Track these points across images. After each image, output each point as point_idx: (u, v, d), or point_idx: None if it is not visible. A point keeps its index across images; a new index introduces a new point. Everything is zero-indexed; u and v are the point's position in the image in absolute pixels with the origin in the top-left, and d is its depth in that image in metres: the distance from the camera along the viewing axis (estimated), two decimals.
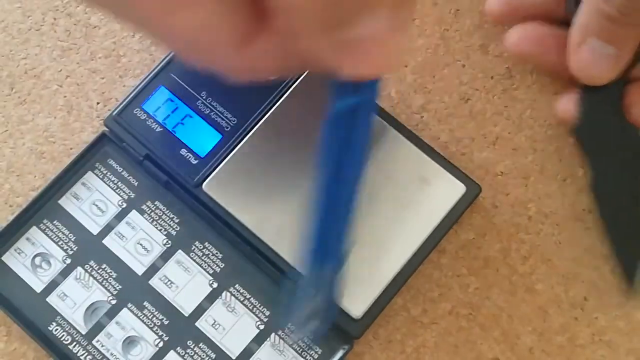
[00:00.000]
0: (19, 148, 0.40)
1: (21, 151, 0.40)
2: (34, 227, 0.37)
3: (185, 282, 0.37)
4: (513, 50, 0.39)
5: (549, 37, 0.38)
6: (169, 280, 0.37)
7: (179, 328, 0.36)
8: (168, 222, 0.37)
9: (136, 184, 0.38)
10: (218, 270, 0.37)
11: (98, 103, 0.40)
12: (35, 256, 0.37)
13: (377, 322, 0.37)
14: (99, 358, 0.36)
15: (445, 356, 0.37)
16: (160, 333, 0.36)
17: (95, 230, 0.37)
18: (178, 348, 0.36)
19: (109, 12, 0.26)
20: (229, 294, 0.37)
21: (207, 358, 0.36)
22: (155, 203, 0.37)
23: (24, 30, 0.41)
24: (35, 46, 0.41)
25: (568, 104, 0.37)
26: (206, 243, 0.37)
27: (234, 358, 0.36)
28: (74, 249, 0.37)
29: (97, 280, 0.37)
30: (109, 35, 0.41)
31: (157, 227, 0.37)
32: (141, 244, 0.37)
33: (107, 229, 0.37)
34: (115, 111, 0.38)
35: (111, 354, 0.36)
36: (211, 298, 0.36)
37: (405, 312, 0.38)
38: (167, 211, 0.37)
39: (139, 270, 0.37)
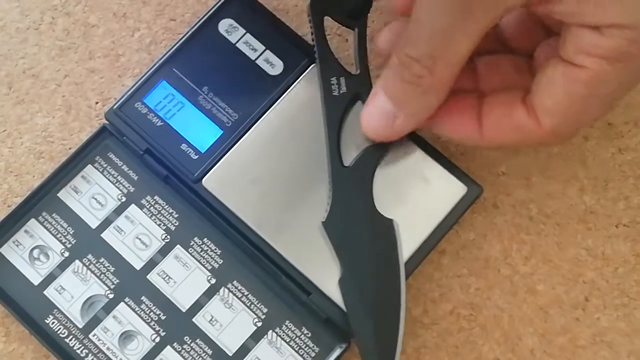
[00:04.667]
0: (17, 148, 0.42)
1: (19, 151, 0.41)
2: (33, 220, 0.39)
3: (183, 277, 0.38)
4: None
5: None
6: (167, 276, 0.38)
7: (176, 323, 0.38)
8: (167, 217, 0.39)
9: (136, 178, 0.39)
10: (216, 266, 0.38)
11: (97, 102, 0.42)
12: (33, 249, 0.39)
13: None
14: (95, 352, 0.37)
15: (446, 357, 0.39)
16: (157, 328, 0.38)
17: (94, 223, 0.39)
18: (175, 343, 0.38)
19: None
20: (226, 290, 0.38)
21: (204, 354, 0.37)
22: (155, 198, 0.39)
23: (22, 30, 0.43)
24: (33, 45, 0.43)
25: None
26: (205, 239, 0.39)
27: (230, 355, 0.37)
28: (73, 242, 0.39)
29: (95, 274, 0.38)
30: (107, 35, 0.43)
31: (156, 222, 0.39)
32: (140, 239, 0.39)
33: (106, 222, 0.39)
34: (116, 105, 0.39)
35: (107, 349, 0.37)
36: (209, 294, 0.38)
37: (406, 313, 0.39)
38: (167, 206, 0.39)
39: (137, 264, 0.38)
